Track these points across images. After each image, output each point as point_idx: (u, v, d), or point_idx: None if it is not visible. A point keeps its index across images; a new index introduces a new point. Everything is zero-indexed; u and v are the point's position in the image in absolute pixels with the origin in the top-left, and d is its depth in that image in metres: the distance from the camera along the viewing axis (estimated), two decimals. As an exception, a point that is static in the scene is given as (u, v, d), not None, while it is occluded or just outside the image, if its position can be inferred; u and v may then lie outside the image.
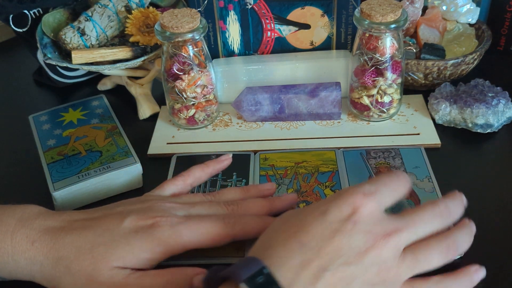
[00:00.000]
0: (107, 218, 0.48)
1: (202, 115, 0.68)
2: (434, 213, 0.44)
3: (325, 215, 0.41)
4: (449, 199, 0.46)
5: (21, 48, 0.92)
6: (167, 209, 0.49)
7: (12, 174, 0.66)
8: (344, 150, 0.64)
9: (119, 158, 0.61)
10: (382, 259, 0.41)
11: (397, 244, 0.41)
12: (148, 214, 0.47)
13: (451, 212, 0.45)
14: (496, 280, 0.49)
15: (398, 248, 0.42)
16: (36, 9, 0.76)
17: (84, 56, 0.69)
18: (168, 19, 0.62)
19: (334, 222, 0.41)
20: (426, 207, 0.45)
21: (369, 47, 0.64)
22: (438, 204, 0.45)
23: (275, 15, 0.71)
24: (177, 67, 0.65)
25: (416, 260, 0.42)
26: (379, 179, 0.45)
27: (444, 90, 0.69)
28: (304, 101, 0.68)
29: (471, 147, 0.64)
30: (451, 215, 0.45)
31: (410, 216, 0.44)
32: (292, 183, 0.60)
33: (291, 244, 0.40)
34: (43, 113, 0.70)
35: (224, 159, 0.59)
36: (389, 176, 0.45)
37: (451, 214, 0.45)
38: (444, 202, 0.45)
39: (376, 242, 0.40)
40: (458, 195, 0.47)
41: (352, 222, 0.41)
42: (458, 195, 0.47)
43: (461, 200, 0.47)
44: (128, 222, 0.47)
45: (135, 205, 0.49)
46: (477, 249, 0.51)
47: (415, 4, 0.74)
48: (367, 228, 0.41)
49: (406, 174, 0.47)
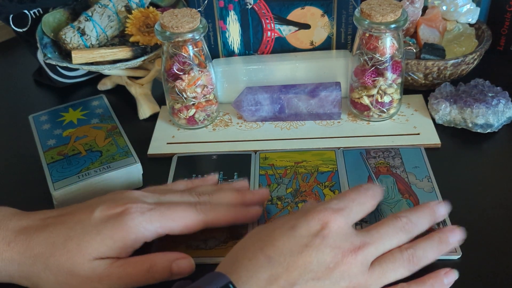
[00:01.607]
0: (78, 211, 0.48)
1: (202, 115, 0.68)
2: (398, 227, 0.45)
3: (294, 230, 0.42)
4: (412, 213, 0.47)
5: (21, 48, 0.92)
6: (137, 197, 0.49)
7: (12, 174, 0.66)
8: (344, 150, 0.64)
9: (119, 158, 0.61)
10: (351, 274, 0.41)
11: (365, 258, 0.42)
12: (117, 202, 0.47)
13: (415, 225, 0.46)
14: (496, 280, 0.49)
15: (366, 262, 0.43)
16: (36, 9, 0.76)
17: (84, 56, 0.69)
18: (168, 19, 0.62)
19: (303, 237, 0.41)
20: (390, 222, 0.46)
21: (369, 47, 0.64)
22: (401, 218, 0.46)
23: (275, 15, 0.71)
24: (177, 67, 0.65)
25: (384, 272, 0.43)
26: (347, 195, 0.46)
27: (444, 90, 0.69)
28: (304, 101, 0.68)
29: (471, 147, 0.64)
30: (416, 228, 0.46)
31: (377, 230, 0.45)
32: (292, 183, 0.60)
33: (258, 258, 0.40)
34: (43, 113, 0.70)
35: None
36: (357, 191, 0.47)
37: (416, 226, 0.46)
38: (406, 217, 0.46)
39: (345, 257, 0.41)
40: (424, 207, 0.48)
41: (321, 237, 0.41)
42: (424, 207, 0.48)
43: (428, 211, 0.48)
44: (98, 212, 0.46)
45: (106, 197, 0.50)
46: (477, 249, 0.51)
47: (415, 4, 0.74)
48: (336, 243, 0.42)
49: (375, 187, 0.48)
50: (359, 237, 0.43)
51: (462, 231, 0.48)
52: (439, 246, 0.47)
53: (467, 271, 0.49)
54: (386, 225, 0.45)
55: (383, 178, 0.59)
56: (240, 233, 0.54)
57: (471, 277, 0.49)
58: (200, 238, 0.53)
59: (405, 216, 0.46)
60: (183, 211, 0.48)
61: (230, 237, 0.54)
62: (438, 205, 0.49)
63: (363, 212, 0.46)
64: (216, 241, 0.53)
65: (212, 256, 0.52)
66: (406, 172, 0.60)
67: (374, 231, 0.45)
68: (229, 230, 0.54)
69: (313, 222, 0.42)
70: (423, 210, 0.48)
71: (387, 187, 0.58)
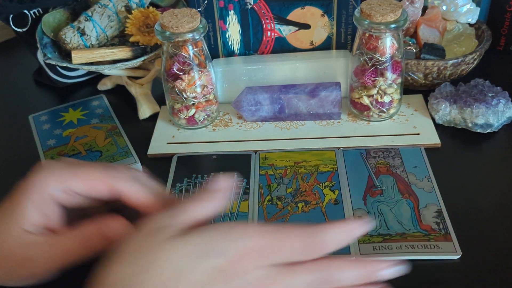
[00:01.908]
0: None
1: (202, 115, 0.68)
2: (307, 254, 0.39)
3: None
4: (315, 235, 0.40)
5: (21, 48, 0.92)
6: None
7: (12, 174, 0.66)
8: (344, 150, 0.64)
9: (119, 158, 0.61)
10: None
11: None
12: None
13: (323, 246, 0.40)
14: (496, 280, 0.49)
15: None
16: (36, 9, 0.76)
17: (84, 56, 0.69)
18: (168, 19, 0.63)
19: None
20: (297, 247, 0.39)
21: (369, 47, 0.64)
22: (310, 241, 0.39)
23: (275, 15, 0.71)
24: (177, 67, 0.65)
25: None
26: (269, 234, 0.39)
27: (444, 90, 0.69)
28: (304, 101, 0.68)
29: (471, 147, 0.64)
30: (322, 251, 0.40)
31: (291, 272, 0.39)
32: (292, 183, 0.60)
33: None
34: (43, 113, 0.70)
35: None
36: (281, 232, 0.39)
37: (322, 249, 0.40)
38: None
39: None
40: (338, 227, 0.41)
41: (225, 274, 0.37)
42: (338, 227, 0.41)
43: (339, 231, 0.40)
44: None
45: None
46: (477, 249, 0.51)
47: (415, 4, 0.74)
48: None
49: (303, 231, 0.40)
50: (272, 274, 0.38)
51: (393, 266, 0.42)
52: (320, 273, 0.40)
53: (467, 271, 0.49)
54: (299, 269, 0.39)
55: (383, 178, 0.59)
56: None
57: (471, 277, 0.49)
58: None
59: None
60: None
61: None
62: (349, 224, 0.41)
63: (284, 258, 0.39)
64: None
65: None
66: (406, 172, 0.60)
67: (288, 272, 0.39)
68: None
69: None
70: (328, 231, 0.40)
71: (387, 187, 0.58)
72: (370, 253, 0.51)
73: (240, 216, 0.56)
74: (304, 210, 0.56)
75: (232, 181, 0.44)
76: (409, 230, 0.53)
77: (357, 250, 0.51)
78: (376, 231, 0.53)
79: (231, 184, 0.43)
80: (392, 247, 0.51)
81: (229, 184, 0.43)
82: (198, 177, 0.62)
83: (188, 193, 0.60)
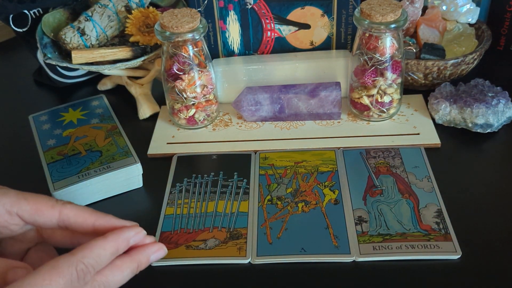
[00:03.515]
0: None
1: (202, 115, 0.68)
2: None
3: None
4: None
5: (21, 48, 0.92)
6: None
7: (12, 174, 0.66)
8: (344, 150, 0.64)
9: (119, 158, 0.61)
10: None
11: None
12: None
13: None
14: (496, 280, 0.49)
15: None
16: (36, 9, 0.76)
17: (84, 56, 0.69)
18: (168, 19, 0.62)
19: None
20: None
21: (369, 47, 0.64)
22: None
23: (275, 15, 0.71)
24: (177, 67, 0.65)
25: None
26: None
27: (444, 90, 0.69)
28: (304, 101, 0.68)
29: (471, 147, 0.64)
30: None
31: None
32: (292, 183, 0.60)
33: None
34: (43, 113, 0.70)
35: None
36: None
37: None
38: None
39: None
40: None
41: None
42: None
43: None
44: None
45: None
46: (477, 249, 0.51)
47: (415, 4, 0.74)
48: None
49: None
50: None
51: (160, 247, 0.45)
52: (135, 268, 0.43)
53: (467, 271, 0.49)
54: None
55: (383, 178, 0.59)
56: (240, 233, 0.54)
57: (471, 277, 0.49)
58: (200, 238, 0.54)
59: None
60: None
61: (230, 237, 0.54)
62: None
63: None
64: (216, 241, 0.53)
65: (212, 256, 0.52)
66: (406, 172, 0.60)
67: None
68: (229, 230, 0.54)
69: None
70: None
71: (387, 187, 0.58)
72: (370, 253, 0.51)
73: (240, 216, 0.56)
74: (304, 210, 0.56)
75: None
76: (409, 230, 0.53)
77: (357, 250, 0.51)
78: (376, 231, 0.53)
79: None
80: (392, 247, 0.51)
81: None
82: (198, 177, 0.62)
83: (188, 193, 0.60)
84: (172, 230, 0.55)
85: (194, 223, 0.56)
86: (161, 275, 0.51)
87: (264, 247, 0.52)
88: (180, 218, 0.57)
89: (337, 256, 0.51)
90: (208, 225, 0.56)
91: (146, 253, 0.44)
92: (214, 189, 0.60)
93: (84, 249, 0.40)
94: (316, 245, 0.52)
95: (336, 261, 0.51)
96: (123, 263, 0.42)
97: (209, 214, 0.57)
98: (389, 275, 0.50)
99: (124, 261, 0.42)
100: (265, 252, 0.52)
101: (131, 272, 0.43)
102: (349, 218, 0.55)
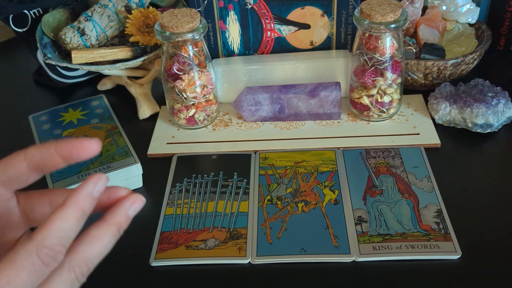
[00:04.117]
0: None
1: (202, 115, 0.68)
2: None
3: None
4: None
5: (21, 48, 0.92)
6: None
7: (12, 174, 0.66)
8: (344, 150, 0.64)
9: (119, 158, 0.61)
10: None
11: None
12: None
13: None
14: (496, 280, 0.49)
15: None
16: (36, 9, 0.76)
17: (84, 56, 0.69)
18: (168, 19, 0.62)
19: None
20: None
21: (369, 47, 0.64)
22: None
23: (275, 15, 0.71)
24: (177, 67, 0.65)
25: None
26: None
27: (444, 90, 0.69)
28: (304, 101, 0.68)
29: (471, 147, 0.64)
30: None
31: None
32: (292, 183, 0.60)
33: None
34: (43, 113, 0.70)
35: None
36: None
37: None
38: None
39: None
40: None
41: None
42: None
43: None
44: None
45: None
46: (477, 249, 0.51)
47: (415, 4, 0.74)
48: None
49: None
50: None
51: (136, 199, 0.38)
52: (115, 234, 0.37)
53: (467, 271, 0.49)
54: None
55: (383, 178, 0.59)
56: (240, 233, 0.54)
57: (471, 277, 0.49)
58: (200, 238, 0.54)
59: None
60: None
61: (230, 238, 0.54)
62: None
63: None
64: (216, 241, 0.53)
65: (212, 256, 0.52)
66: (406, 172, 0.60)
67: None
68: (229, 230, 0.54)
69: None
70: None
71: (387, 187, 0.58)
72: (370, 253, 0.51)
73: (240, 216, 0.56)
74: (304, 210, 0.56)
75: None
76: (409, 230, 0.53)
77: (357, 250, 0.51)
78: (376, 231, 0.53)
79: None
80: (392, 247, 0.51)
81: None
82: (198, 177, 0.62)
83: (188, 193, 0.60)
84: (172, 230, 0.55)
85: (194, 223, 0.56)
86: (161, 275, 0.51)
87: (264, 247, 0.52)
88: (180, 218, 0.57)
89: (337, 256, 0.51)
90: (208, 225, 0.56)
91: (123, 210, 0.38)
92: (214, 189, 0.60)
93: (42, 229, 0.34)
94: (316, 245, 0.52)
95: (336, 261, 0.51)
96: (99, 231, 0.36)
97: (209, 214, 0.57)
98: (389, 275, 0.50)
99: (100, 229, 0.36)
100: (265, 252, 0.52)
101: (113, 237, 0.36)
102: (349, 218, 0.55)
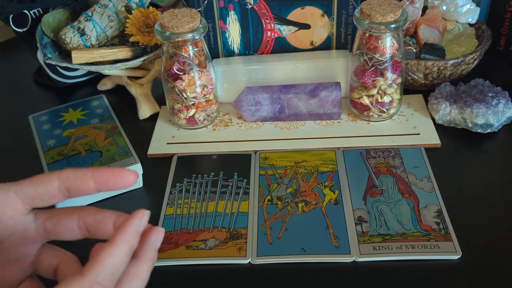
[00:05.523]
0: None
1: (202, 115, 0.68)
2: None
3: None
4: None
5: (21, 48, 0.92)
6: None
7: (12, 174, 0.66)
8: (344, 150, 0.64)
9: (119, 158, 0.61)
10: None
11: None
12: None
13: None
14: (496, 280, 0.49)
15: None
16: (36, 9, 0.76)
17: (84, 56, 0.69)
18: (168, 19, 0.62)
19: None
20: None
21: (369, 47, 0.64)
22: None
23: (275, 15, 0.71)
24: (177, 67, 0.65)
25: None
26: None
27: (444, 90, 0.69)
28: (304, 101, 0.68)
29: (471, 147, 0.64)
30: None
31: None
32: (292, 183, 0.60)
33: None
34: (43, 113, 0.70)
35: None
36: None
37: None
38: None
39: None
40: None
41: None
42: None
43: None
44: None
45: None
46: (477, 249, 0.51)
47: (415, 4, 0.74)
48: None
49: None
50: None
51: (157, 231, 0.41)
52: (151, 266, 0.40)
53: (467, 271, 0.49)
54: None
55: (383, 178, 0.59)
56: (240, 233, 0.54)
57: (471, 277, 0.49)
58: (200, 238, 0.54)
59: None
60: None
61: (230, 238, 0.54)
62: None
63: None
64: (216, 242, 0.53)
65: (212, 257, 0.52)
66: (406, 172, 0.60)
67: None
68: (229, 230, 0.54)
69: None
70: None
71: (387, 187, 0.58)
72: (370, 253, 0.51)
73: (240, 216, 0.56)
74: (304, 210, 0.56)
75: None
76: (409, 230, 0.53)
77: (357, 250, 0.51)
78: (376, 231, 0.53)
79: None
80: (392, 247, 0.51)
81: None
82: (198, 177, 0.62)
83: (188, 193, 0.60)
84: (172, 230, 0.55)
85: (194, 223, 0.56)
86: (161, 275, 0.51)
87: (264, 247, 0.52)
88: (180, 218, 0.57)
89: (337, 256, 0.51)
90: (208, 225, 0.56)
91: (151, 245, 0.40)
92: (214, 189, 0.60)
93: (94, 265, 0.35)
94: (316, 245, 0.52)
95: (336, 261, 0.51)
96: (138, 269, 0.39)
97: (209, 214, 0.57)
98: (389, 275, 0.50)
99: (138, 267, 0.39)
100: (265, 252, 0.52)
101: (149, 271, 0.40)
102: (349, 218, 0.55)
